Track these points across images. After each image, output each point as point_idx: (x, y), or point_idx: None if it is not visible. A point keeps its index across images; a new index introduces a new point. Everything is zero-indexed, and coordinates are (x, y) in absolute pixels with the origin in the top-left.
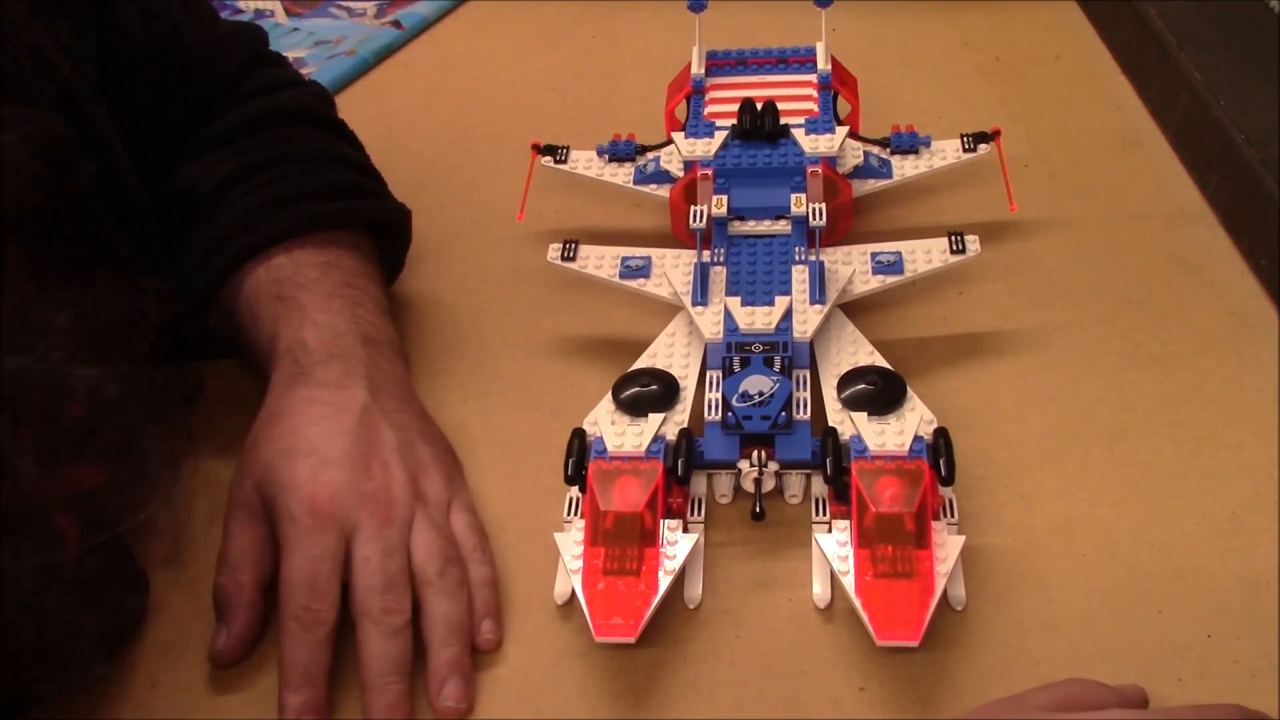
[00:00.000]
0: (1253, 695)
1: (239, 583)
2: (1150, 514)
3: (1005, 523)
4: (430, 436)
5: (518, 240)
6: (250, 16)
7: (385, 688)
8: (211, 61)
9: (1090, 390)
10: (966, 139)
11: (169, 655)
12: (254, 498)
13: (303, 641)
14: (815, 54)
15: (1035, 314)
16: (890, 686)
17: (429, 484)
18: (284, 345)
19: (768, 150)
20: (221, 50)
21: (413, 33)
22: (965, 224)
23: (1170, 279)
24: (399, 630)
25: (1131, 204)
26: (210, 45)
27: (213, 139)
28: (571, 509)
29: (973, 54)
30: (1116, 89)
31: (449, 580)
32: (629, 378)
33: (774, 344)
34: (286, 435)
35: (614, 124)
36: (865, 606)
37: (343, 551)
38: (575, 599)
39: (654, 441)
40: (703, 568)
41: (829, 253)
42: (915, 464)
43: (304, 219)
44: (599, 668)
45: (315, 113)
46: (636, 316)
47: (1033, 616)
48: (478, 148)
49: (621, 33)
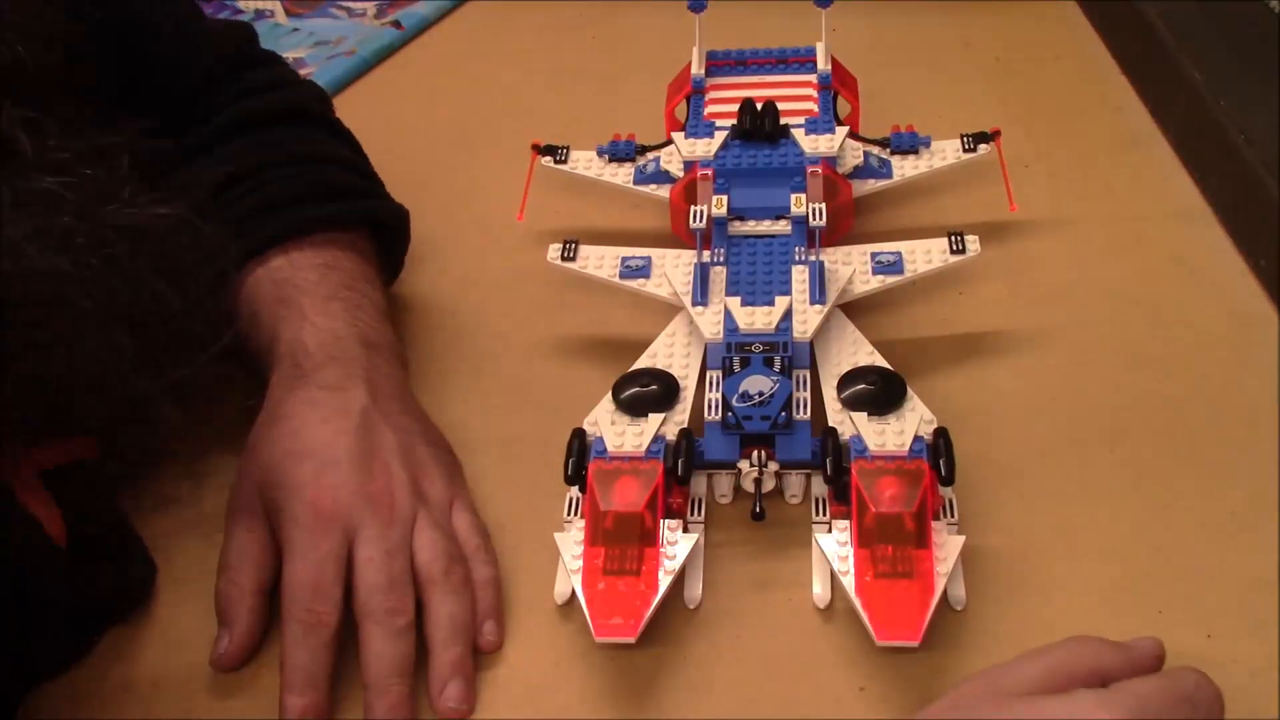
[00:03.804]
0: (1253, 695)
1: (240, 587)
2: (1150, 514)
3: (1005, 523)
4: (430, 438)
5: (518, 240)
6: (250, 16)
7: (388, 689)
8: (195, 57)
9: (1090, 390)
10: (966, 139)
11: (170, 656)
12: (255, 501)
13: (305, 644)
14: (815, 54)
15: (1035, 314)
16: (890, 686)
17: (430, 485)
18: (283, 348)
19: (768, 150)
20: (202, 45)
21: (413, 33)
22: (965, 224)
23: (1170, 279)
24: (402, 631)
25: (1131, 204)
26: (193, 41)
27: (206, 140)
28: (571, 509)
29: (973, 54)
30: (1116, 89)
31: (454, 580)
32: (629, 378)
33: (774, 344)
34: (287, 438)
35: (614, 124)
36: (865, 606)
37: (345, 553)
38: (575, 599)
39: (654, 441)
40: (703, 568)
41: (829, 253)
42: (915, 464)
43: (302, 220)
44: (599, 668)
45: (311, 112)
46: (636, 316)
47: (1033, 617)
48: (478, 148)
49: (621, 33)
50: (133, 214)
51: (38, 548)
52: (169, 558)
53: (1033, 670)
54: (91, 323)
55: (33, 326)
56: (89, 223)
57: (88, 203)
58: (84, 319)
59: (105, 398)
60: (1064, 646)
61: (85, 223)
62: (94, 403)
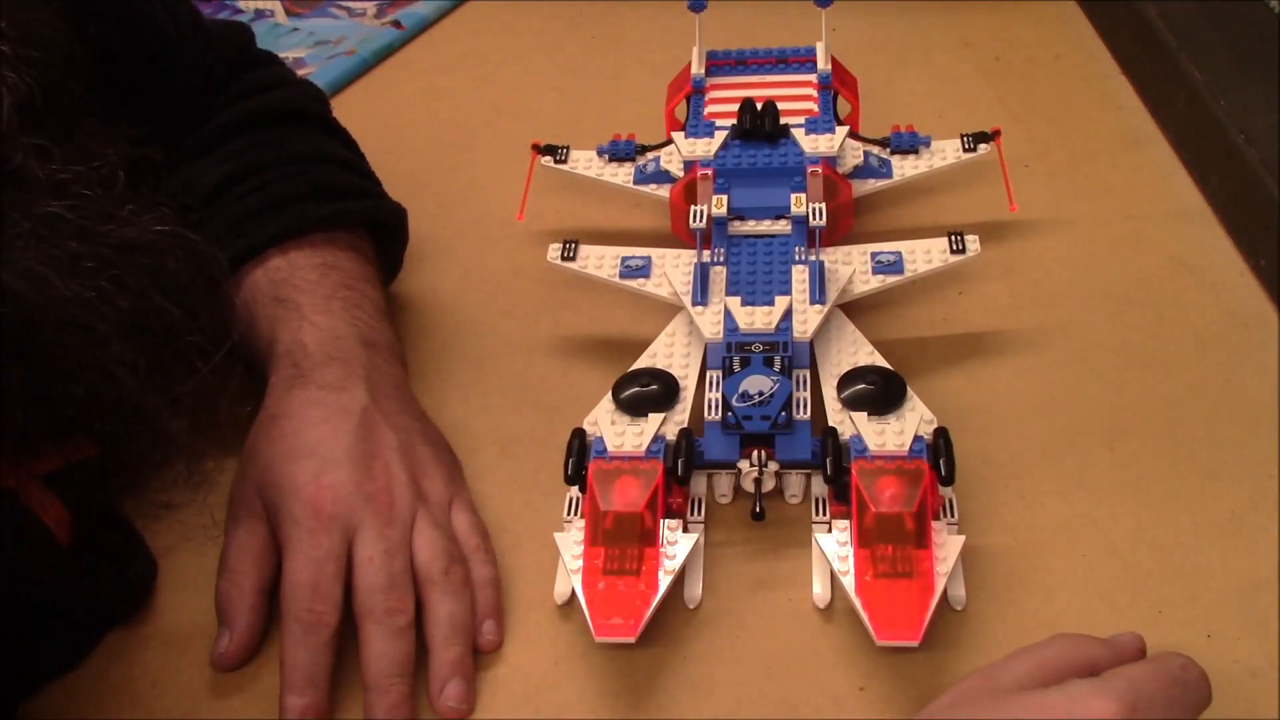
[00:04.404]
0: (1253, 695)
1: (240, 587)
2: (1150, 514)
3: (1005, 523)
4: (430, 437)
5: (518, 240)
6: (250, 17)
7: (388, 688)
8: (197, 60)
9: (1090, 390)
10: (966, 139)
11: (170, 655)
12: (255, 500)
13: (305, 644)
14: (815, 54)
15: (1035, 314)
16: (890, 686)
17: (430, 484)
18: (282, 347)
19: (768, 150)
20: (207, 49)
21: (413, 33)
22: (965, 224)
23: (1170, 279)
24: (402, 630)
25: (1131, 204)
26: (195, 44)
27: (205, 142)
28: (571, 509)
29: (973, 54)
30: (1116, 89)
31: (453, 579)
32: (629, 378)
33: (774, 344)
34: (287, 437)
35: (614, 124)
36: (865, 606)
37: (345, 553)
38: (575, 599)
39: (654, 441)
40: (703, 568)
41: (829, 253)
42: (915, 464)
43: (300, 220)
44: (599, 668)
45: (309, 112)
46: (636, 316)
47: (1033, 616)
48: (478, 148)
49: (621, 33)
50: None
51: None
52: (169, 558)
53: (1027, 665)
54: (106, 345)
55: (55, 354)
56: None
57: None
58: (100, 343)
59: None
60: (1053, 643)
61: (88, 244)
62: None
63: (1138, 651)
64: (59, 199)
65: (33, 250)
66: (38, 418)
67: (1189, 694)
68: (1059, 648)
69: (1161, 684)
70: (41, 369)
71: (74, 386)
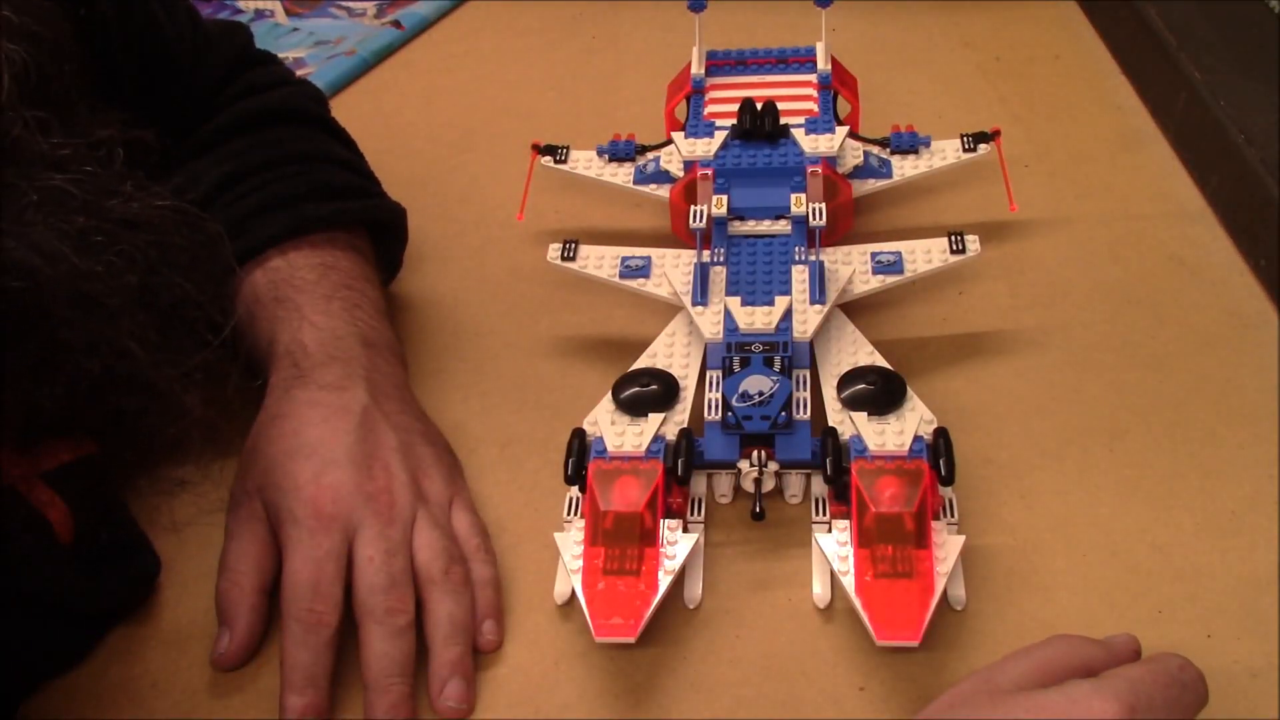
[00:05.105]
0: (1253, 695)
1: (241, 587)
2: (1150, 514)
3: (1005, 523)
4: (430, 437)
5: (518, 240)
6: (250, 17)
7: (388, 688)
8: (196, 60)
9: (1090, 390)
10: (966, 139)
11: (170, 655)
12: (255, 500)
13: (305, 644)
14: (815, 54)
15: (1035, 314)
16: (890, 686)
17: (430, 484)
18: (282, 347)
19: (768, 150)
20: (206, 50)
21: (413, 33)
22: (965, 224)
23: (1170, 279)
24: (402, 630)
25: (1131, 204)
26: (194, 44)
27: (204, 141)
28: (571, 509)
29: (973, 54)
30: (1116, 89)
31: (454, 579)
32: (629, 378)
33: (774, 344)
34: (287, 437)
35: (614, 124)
36: (865, 606)
37: (345, 553)
38: (575, 599)
39: (654, 441)
40: (703, 568)
41: (829, 253)
42: (915, 464)
43: (299, 220)
44: (599, 668)
45: (308, 112)
46: (636, 316)
47: (1033, 616)
48: (478, 148)
49: (621, 33)
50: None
51: (45, 547)
52: (169, 558)
53: (1025, 666)
54: (118, 319)
55: (70, 329)
56: (97, 218)
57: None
58: (113, 317)
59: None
60: (1050, 644)
61: (94, 219)
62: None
63: (1133, 653)
64: (61, 173)
65: (41, 223)
66: (52, 396)
67: (1187, 694)
68: (1057, 648)
69: (1160, 684)
70: (57, 346)
71: (89, 362)
